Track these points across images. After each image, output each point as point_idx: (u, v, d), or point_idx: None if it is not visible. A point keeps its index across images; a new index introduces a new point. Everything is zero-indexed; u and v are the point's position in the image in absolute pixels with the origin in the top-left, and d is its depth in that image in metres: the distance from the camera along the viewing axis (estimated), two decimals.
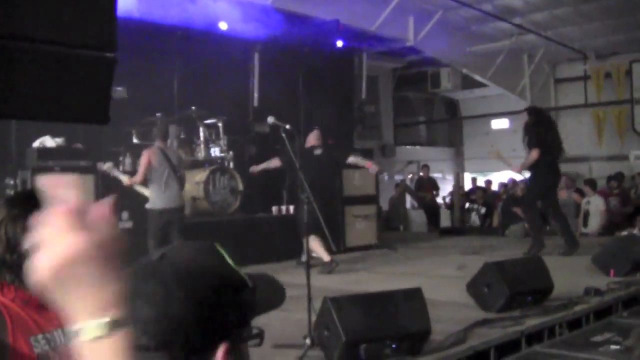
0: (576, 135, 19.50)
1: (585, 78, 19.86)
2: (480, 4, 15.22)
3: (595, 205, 14.84)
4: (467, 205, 18.36)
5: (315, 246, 9.14)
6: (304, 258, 9.17)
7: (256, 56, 13.54)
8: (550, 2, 15.03)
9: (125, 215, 9.78)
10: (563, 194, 15.94)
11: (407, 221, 18.52)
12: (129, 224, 9.78)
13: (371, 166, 10.30)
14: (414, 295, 5.47)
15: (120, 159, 10.66)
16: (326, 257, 9.47)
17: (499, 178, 19.30)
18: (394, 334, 5.16)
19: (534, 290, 7.14)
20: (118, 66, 3.56)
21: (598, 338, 6.33)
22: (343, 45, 14.75)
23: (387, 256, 11.97)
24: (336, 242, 10.81)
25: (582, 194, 16.05)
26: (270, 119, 6.22)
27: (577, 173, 18.71)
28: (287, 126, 6.09)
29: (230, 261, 1.34)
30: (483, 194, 18.23)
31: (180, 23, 11.64)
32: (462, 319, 6.45)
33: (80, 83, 3.21)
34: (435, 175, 19.59)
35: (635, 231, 13.81)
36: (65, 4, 3.15)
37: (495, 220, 16.88)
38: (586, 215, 14.87)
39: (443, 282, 8.85)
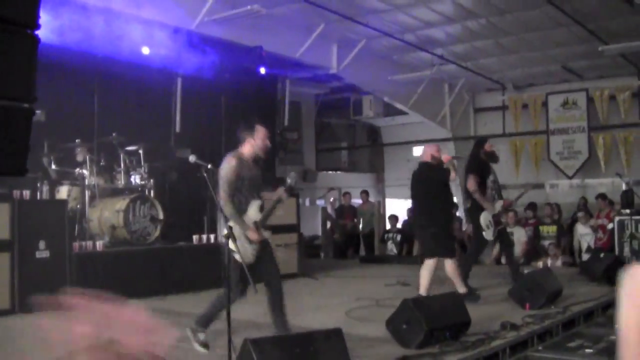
0: (495, 164, 19.87)
1: (503, 108, 20.31)
2: (403, 34, 15.42)
3: (517, 236, 15.09)
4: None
5: None
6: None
7: (179, 81, 13.44)
8: (470, 34, 15.32)
9: (42, 244, 9.50)
10: None
11: (328, 248, 18.56)
12: (45, 254, 9.51)
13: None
14: (335, 336, 5.48)
15: (38, 185, 10.40)
16: None
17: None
18: None
19: (452, 325, 7.22)
20: (36, 89, 3.49)
21: None
22: (266, 72, 14.78)
23: (308, 285, 11.97)
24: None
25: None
26: (192, 158, 6.18)
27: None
28: (209, 165, 6.07)
29: None
30: (395, 222, 18.33)
31: (101, 47, 11.44)
32: (382, 356, 6.50)
33: None
34: (356, 201, 19.68)
35: (551, 262, 14.14)
36: None
37: (416, 249, 17.00)
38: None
39: (363, 314, 8.89)
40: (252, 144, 6.83)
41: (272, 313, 6.78)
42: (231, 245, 6.26)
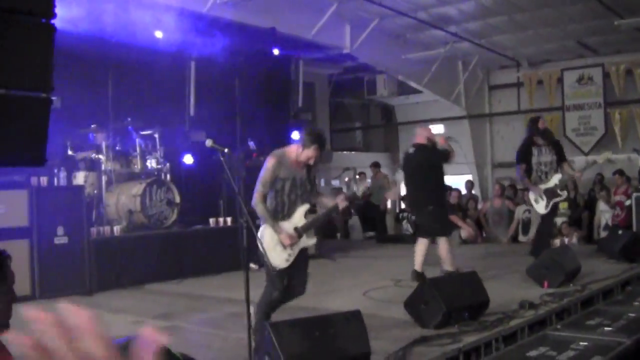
0: (509, 141, 19.82)
1: (518, 85, 20.19)
2: (416, 13, 15.34)
3: (536, 213, 15.00)
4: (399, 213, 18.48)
5: None
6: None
7: (192, 65, 13.42)
8: (484, 11, 15.22)
9: (60, 230, 9.56)
10: (497, 202, 16.19)
11: (344, 229, 18.57)
12: (64, 240, 9.58)
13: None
14: (354, 318, 5.49)
15: (55, 171, 10.44)
16: None
17: None
18: (334, 358, 5.16)
19: (470, 305, 7.22)
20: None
21: (533, 353, 6.43)
22: (280, 53, 14.74)
23: (326, 267, 11.98)
24: None
25: (514, 201, 16.29)
26: (209, 142, 6.10)
27: (510, 179, 18.99)
28: (226, 150, 6.01)
29: None
30: None
31: (114, 32, 11.43)
32: (401, 337, 6.50)
33: (15, 125, 3.12)
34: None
35: (567, 240, 14.08)
36: (2, 47, 3.06)
37: None
38: (526, 223, 15.05)
39: (381, 295, 8.91)
40: (301, 152, 6.43)
41: (259, 306, 6.40)
42: (262, 246, 6.13)
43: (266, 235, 6.25)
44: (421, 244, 9.73)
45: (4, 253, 2.83)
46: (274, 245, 6.27)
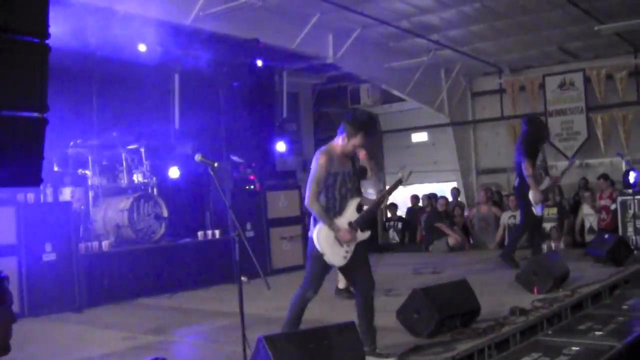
0: (493, 147, 19.95)
1: (500, 91, 20.28)
2: (398, 22, 15.39)
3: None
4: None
5: None
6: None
7: (176, 77, 13.41)
8: (465, 19, 15.29)
9: (48, 247, 9.51)
10: (483, 208, 16.25)
11: None
12: (52, 257, 9.53)
13: None
14: (348, 329, 5.50)
15: (41, 187, 10.38)
16: None
17: (421, 191, 19.46)
18: None
19: (462, 313, 7.25)
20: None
21: (526, 359, 6.49)
22: (263, 64, 14.74)
23: None
24: (263, 265, 10.82)
25: (500, 207, 16.35)
26: (198, 157, 6.07)
27: (496, 184, 19.09)
28: (216, 164, 5.99)
29: None
30: (395, 210, 18.33)
31: (98, 46, 11.40)
32: (394, 346, 6.52)
33: (10, 146, 3.12)
34: None
35: (554, 244, 14.16)
36: None
37: (419, 236, 17.07)
38: (512, 229, 15.11)
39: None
40: (346, 142, 6.29)
41: (358, 318, 6.33)
42: (319, 246, 6.12)
43: (322, 235, 6.19)
44: None
45: (1, 274, 2.81)
46: (331, 244, 6.21)
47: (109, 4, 11.11)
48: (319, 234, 6.18)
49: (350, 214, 6.34)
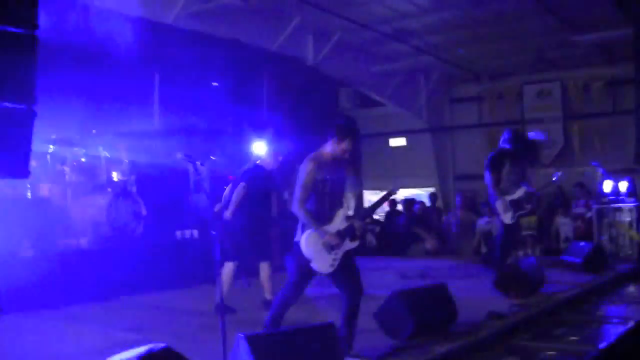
0: (471, 153, 20.01)
1: (479, 99, 20.40)
2: (378, 26, 15.43)
3: (496, 226, 15.11)
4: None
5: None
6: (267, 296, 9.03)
7: (157, 76, 13.37)
8: (446, 25, 15.36)
9: (26, 243, 9.44)
10: (460, 214, 16.34)
11: None
12: (29, 253, 9.45)
13: None
14: (327, 330, 5.51)
15: (18, 184, 10.31)
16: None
17: (398, 196, 19.50)
18: None
19: (439, 316, 7.28)
20: None
21: None
22: (245, 65, 14.73)
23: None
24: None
25: (477, 213, 16.44)
26: (179, 155, 6.08)
27: (473, 190, 19.16)
28: (198, 162, 6.00)
29: None
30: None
31: (77, 42, 11.31)
32: (372, 348, 6.54)
33: None
34: None
35: (530, 252, 14.24)
36: None
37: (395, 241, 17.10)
38: (486, 235, 15.18)
39: None
40: (336, 148, 6.31)
41: (342, 322, 6.38)
42: (306, 252, 6.13)
43: (310, 240, 6.19)
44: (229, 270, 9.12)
45: None
46: (319, 250, 6.22)
47: (89, 1, 11.06)
48: (307, 241, 6.19)
49: (338, 222, 6.36)
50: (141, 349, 3.33)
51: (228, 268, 8.91)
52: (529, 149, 11.46)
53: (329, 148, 6.37)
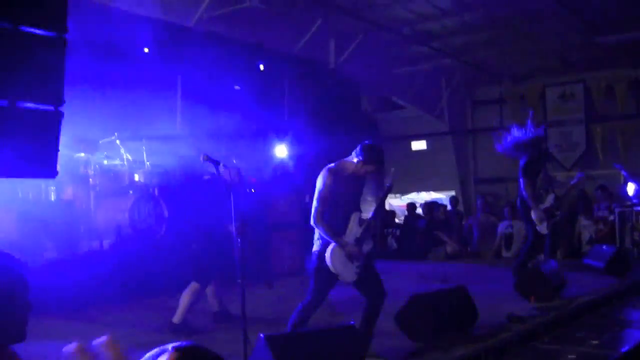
0: (492, 157, 19.90)
1: (500, 101, 20.34)
2: (400, 29, 15.46)
3: (517, 229, 15.10)
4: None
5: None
6: None
7: (179, 79, 13.44)
8: (467, 27, 15.37)
9: (49, 245, 9.54)
10: (481, 217, 16.30)
11: None
12: (53, 255, 9.54)
13: None
14: (348, 331, 5.54)
15: (42, 186, 10.38)
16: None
17: (419, 200, 19.54)
18: None
19: (459, 319, 7.29)
20: None
21: None
22: (266, 68, 14.81)
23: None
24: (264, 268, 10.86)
25: (498, 216, 16.39)
26: (202, 157, 6.15)
27: (494, 194, 19.13)
28: (220, 164, 6.06)
29: None
30: (393, 217, 18.40)
31: (101, 46, 11.40)
32: (392, 349, 6.56)
33: (27, 137, 3.16)
34: None
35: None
36: (11, 59, 3.10)
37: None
38: (508, 238, 15.13)
39: None
40: (360, 167, 6.32)
41: (361, 324, 6.42)
42: (333, 268, 6.15)
43: (334, 255, 6.22)
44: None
45: (15, 261, 2.81)
46: (343, 262, 6.26)
47: (112, 4, 11.16)
48: (332, 256, 6.20)
49: (354, 229, 6.39)
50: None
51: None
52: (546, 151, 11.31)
53: (352, 164, 6.39)
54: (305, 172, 15.93)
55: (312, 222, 6.34)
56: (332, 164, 6.43)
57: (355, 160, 6.36)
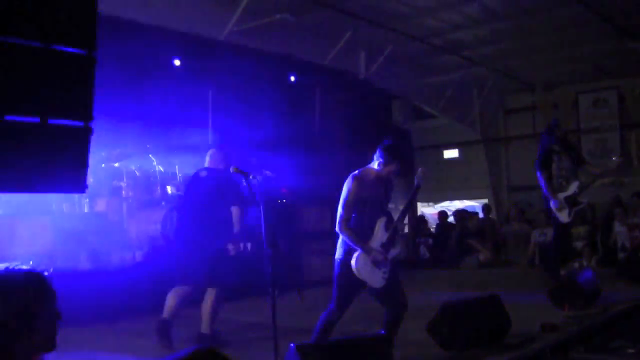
0: (525, 164, 19.76)
1: (533, 108, 20.21)
2: (430, 39, 15.46)
3: (551, 237, 14.94)
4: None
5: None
6: None
7: (210, 92, 13.56)
8: (498, 35, 15.30)
9: (83, 257, 9.65)
10: (515, 225, 16.21)
11: None
12: (86, 267, 9.65)
13: None
14: (380, 340, 5.54)
15: (76, 198, 10.54)
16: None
17: (452, 208, 19.49)
18: None
19: (492, 328, 7.25)
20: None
21: None
22: (296, 80, 14.89)
23: None
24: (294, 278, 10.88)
25: (532, 224, 16.29)
26: (232, 169, 6.24)
27: (528, 202, 18.99)
28: (250, 175, 6.12)
29: None
30: (426, 225, 18.38)
31: (132, 60, 11.54)
32: (423, 359, 6.55)
33: (57, 153, 3.23)
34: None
35: (586, 262, 14.05)
36: (42, 77, 3.18)
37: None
38: (541, 246, 15.01)
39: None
40: (382, 168, 6.37)
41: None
42: (360, 275, 6.18)
43: (360, 262, 6.25)
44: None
45: (44, 273, 2.87)
46: (370, 269, 6.29)
47: (142, 19, 11.28)
48: (358, 263, 6.23)
49: (380, 233, 6.42)
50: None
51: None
52: (568, 143, 11.34)
53: (375, 168, 6.44)
54: (337, 182, 15.88)
55: (337, 229, 6.37)
56: (357, 171, 6.47)
57: (376, 164, 6.41)
